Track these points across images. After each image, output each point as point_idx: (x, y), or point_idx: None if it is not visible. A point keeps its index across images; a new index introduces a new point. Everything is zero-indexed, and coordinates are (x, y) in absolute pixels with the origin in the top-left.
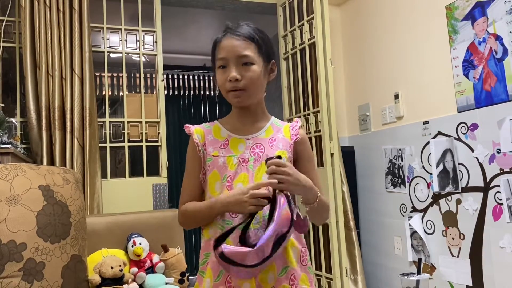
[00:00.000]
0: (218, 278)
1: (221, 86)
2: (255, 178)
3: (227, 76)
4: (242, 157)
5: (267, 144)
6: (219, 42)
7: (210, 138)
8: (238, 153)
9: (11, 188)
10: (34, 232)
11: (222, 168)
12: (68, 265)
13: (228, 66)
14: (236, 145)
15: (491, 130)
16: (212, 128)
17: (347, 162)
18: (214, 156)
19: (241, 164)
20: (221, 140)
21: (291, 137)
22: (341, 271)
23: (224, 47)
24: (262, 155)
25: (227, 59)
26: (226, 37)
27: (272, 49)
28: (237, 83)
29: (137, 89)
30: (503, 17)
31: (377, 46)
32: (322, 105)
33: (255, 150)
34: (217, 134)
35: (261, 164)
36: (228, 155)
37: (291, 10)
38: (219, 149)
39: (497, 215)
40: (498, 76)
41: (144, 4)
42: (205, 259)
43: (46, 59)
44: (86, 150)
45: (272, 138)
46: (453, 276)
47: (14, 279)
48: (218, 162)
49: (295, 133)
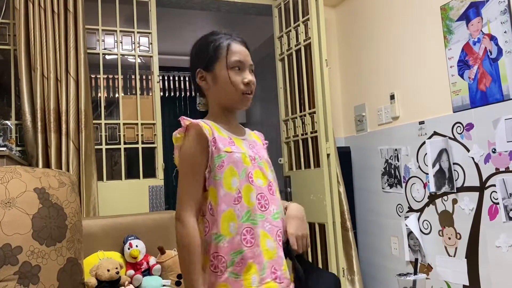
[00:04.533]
0: (263, 272)
1: (236, 86)
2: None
3: (243, 79)
4: (250, 155)
5: (257, 145)
6: (230, 45)
7: (216, 135)
8: (246, 151)
9: (6, 191)
10: (30, 235)
11: (239, 163)
12: (64, 268)
13: (243, 70)
14: (240, 144)
15: (487, 130)
16: (213, 127)
17: (343, 162)
18: (227, 152)
19: (252, 162)
20: (226, 138)
21: (263, 143)
22: (338, 271)
23: (239, 51)
24: (260, 154)
25: (243, 64)
26: (236, 42)
27: None
28: (250, 87)
29: (133, 90)
30: (498, 17)
31: (372, 46)
32: (318, 106)
33: (254, 149)
34: (219, 132)
35: (262, 161)
36: (241, 152)
37: (286, 11)
38: (230, 145)
39: (493, 214)
40: (493, 76)
41: (139, 6)
42: (234, 258)
43: (41, 61)
44: (81, 153)
45: (254, 141)
46: (450, 275)
47: (10, 282)
48: (234, 158)
49: (264, 142)
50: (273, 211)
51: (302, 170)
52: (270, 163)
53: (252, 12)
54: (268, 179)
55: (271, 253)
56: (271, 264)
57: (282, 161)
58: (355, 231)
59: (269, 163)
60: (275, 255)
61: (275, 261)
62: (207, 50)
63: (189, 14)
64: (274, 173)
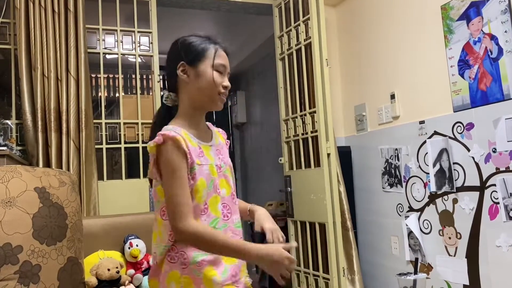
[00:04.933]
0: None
1: (215, 86)
2: (230, 183)
3: (222, 82)
4: (217, 164)
5: (223, 150)
6: (218, 49)
7: (189, 145)
8: (213, 160)
9: (6, 190)
10: (30, 235)
11: (208, 175)
12: (64, 268)
13: (224, 74)
14: (208, 152)
15: (487, 130)
16: (184, 135)
17: (343, 162)
18: (198, 164)
19: (218, 171)
20: (196, 147)
21: (226, 142)
22: (338, 271)
23: (224, 57)
24: (225, 161)
25: (225, 68)
26: (222, 48)
27: None
28: (227, 93)
29: (133, 90)
30: (498, 16)
31: (372, 46)
32: (318, 105)
33: (220, 156)
34: (191, 142)
35: (227, 169)
36: (209, 163)
37: (287, 11)
38: (199, 157)
39: (493, 214)
40: (494, 75)
41: (139, 5)
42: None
43: (41, 60)
44: (82, 152)
45: (220, 144)
46: (450, 275)
47: (10, 282)
48: (203, 170)
49: (226, 138)
50: (235, 220)
51: (302, 170)
52: (232, 167)
53: (253, 11)
54: (231, 187)
55: (232, 259)
56: (231, 268)
57: (282, 160)
58: (355, 230)
59: (231, 169)
60: (236, 260)
61: (236, 266)
62: (196, 47)
63: (189, 14)
64: (233, 176)
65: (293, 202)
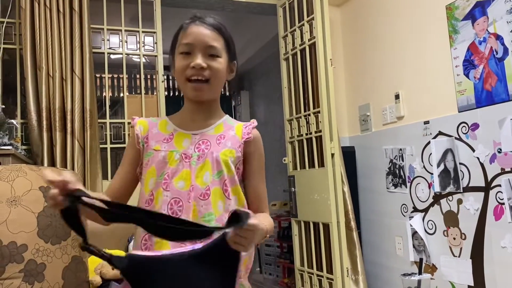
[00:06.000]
0: None
1: (180, 73)
2: (197, 176)
3: (189, 63)
4: (185, 153)
5: (215, 141)
6: (185, 28)
7: (154, 131)
8: (182, 148)
9: (11, 189)
10: (35, 233)
11: (161, 163)
12: (69, 266)
13: (193, 53)
14: (180, 140)
15: (492, 130)
16: (159, 122)
17: (347, 162)
18: (155, 150)
19: (183, 160)
20: (165, 134)
21: (242, 136)
22: (342, 271)
23: (192, 33)
24: (208, 152)
25: (193, 46)
26: (195, 23)
27: (235, 49)
28: (201, 71)
29: (138, 90)
30: (504, 16)
31: (377, 46)
32: (322, 105)
33: (200, 146)
34: (163, 128)
35: (205, 161)
36: (170, 150)
37: (291, 11)
38: (162, 143)
39: (498, 215)
40: (499, 75)
41: (144, 5)
42: None
43: (46, 60)
44: (86, 151)
45: (221, 135)
46: (455, 276)
47: (15, 280)
48: (158, 157)
49: (247, 132)
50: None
51: (306, 170)
52: (219, 163)
53: (257, 11)
54: (192, 183)
55: None
56: None
57: (286, 160)
58: (359, 231)
59: (214, 164)
60: None
61: None
62: (174, 37)
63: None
64: (223, 174)
65: (297, 202)
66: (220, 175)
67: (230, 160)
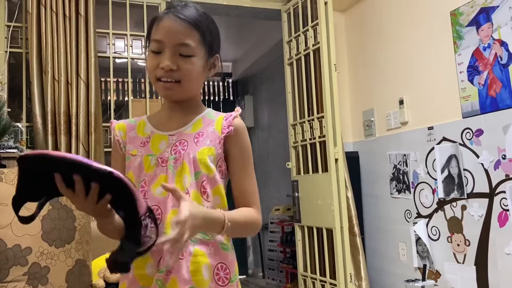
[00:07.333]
0: None
1: (150, 72)
2: (176, 181)
3: (158, 63)
4: (162, 157)
5: (192, 140)
6: (158, 21)
7: (132, 134)
8: (158, 152)
9: None
10: (39, 237)
11: (137, 169)
12: (72, 270)
13: (163, 52)
14: (157, 143)
15: (496, 136)
16: (137, 124)
17: (351, 167)
18: (132, 155)
19: (160, 165)
20: (143, 137)
21: (222, 130)
22: (346, 277)
23: (163, 28)
24: (184, 153)
25: (163, 44)
26: (168, 16)
27: (218, 41)
28: (170, 73)
29: (142, 94)
30: (508, 22)
31: (381, 51)
32: (326, 110)
33: (177, 148)
34: (140, 130)
35: (182, 163)
36: (146, 155)
37: (295, 16)
38: (139, 147)
39: (503, 221)
40: (503, 81)
41: (149, 10)
42: None
43: (52, 64)
44: (91, 155)
45: (199, 133)
46: (458, 282)
47: (19, 283)
48: (134, 163)
49: (227, 125)
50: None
51: (310, 175)
52: (197, 163)
53: (261, 16)
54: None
55: (149, 279)
56: None
57: (290, 165)
58: (363, 236)
59: (192, 165)
60: (152, 283)
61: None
62: (148, 29)
63: None
64: (201, 174)
65: (301, 207)
66: (198, 177)
67: (209, 159)
